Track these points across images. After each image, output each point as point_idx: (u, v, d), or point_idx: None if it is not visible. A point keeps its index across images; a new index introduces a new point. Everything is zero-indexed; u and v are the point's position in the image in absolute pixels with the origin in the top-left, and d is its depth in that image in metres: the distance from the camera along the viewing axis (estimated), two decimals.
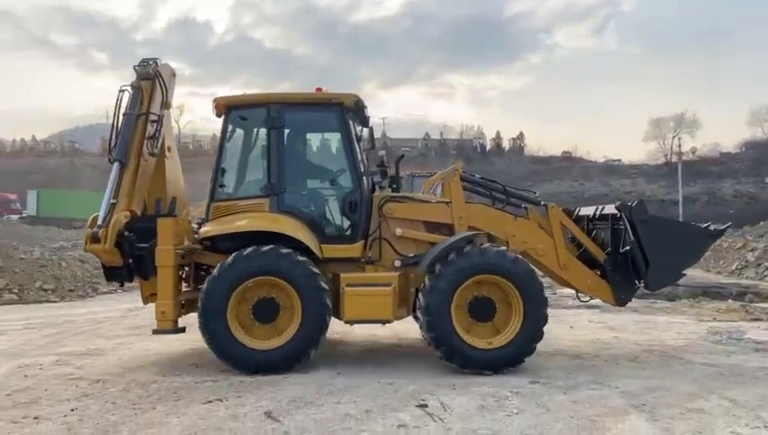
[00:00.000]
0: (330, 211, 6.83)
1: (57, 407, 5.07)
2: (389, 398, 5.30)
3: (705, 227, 6.84)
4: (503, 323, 6.28)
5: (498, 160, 71.65)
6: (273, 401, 5.22)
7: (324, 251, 6.54)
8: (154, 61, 7.19)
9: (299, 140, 7.15)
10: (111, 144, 6.91)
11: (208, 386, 5.71)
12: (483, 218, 6.80)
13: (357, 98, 6.76)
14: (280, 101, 6.75)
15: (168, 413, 4.89)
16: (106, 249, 6.56)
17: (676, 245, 6.53)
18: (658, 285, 6.90)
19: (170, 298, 6.47)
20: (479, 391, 5.50)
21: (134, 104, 6.94)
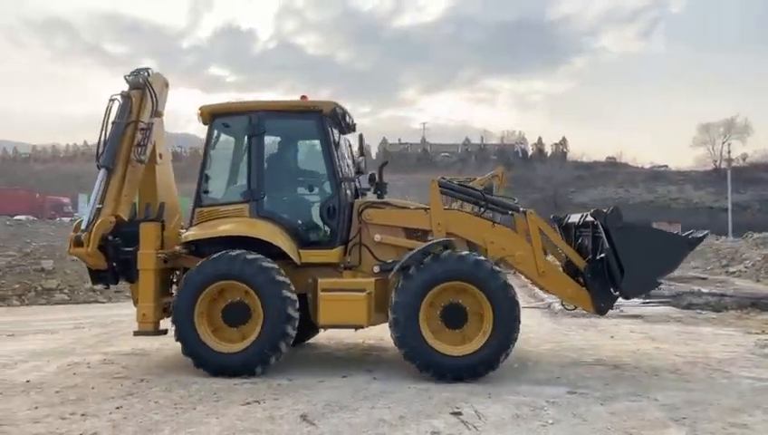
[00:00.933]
0: (308, 217, 6.91)
1: (103, 405, 5.27)
2: (424, 404, 5.33)
3: (684, 235, 6.61)
4: (475, 329, 6.22)
5: (540, 166, 70.77)
6: (308, 404, 5.30)
7: (303, 256, 6.64)
8: (146, 70, 7.41)
9: (279, 146, 7.30)
10: (99, 151, 7.11)
11: (247, 388, 5.84)
12: (461, 225, 6.77)
13: (335, 105, 6.84)
14: (260, 108, 6.91)
15: (208, 413, 5.03)
16: (88, 253, 6.77)
17: (652, 253, 6.34)
18: (633, 293, 6.71)
19: (151, 301, 6.68)
20: (514, 399, 5.47)
21: (123, 113, 7.15)
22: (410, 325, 6.09)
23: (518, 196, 58.51)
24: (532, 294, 14.93)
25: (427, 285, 6.13)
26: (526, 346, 8.12)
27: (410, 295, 6.12)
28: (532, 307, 12.62)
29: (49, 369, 6.67)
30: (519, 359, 7.26)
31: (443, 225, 6.67)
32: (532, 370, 6.73)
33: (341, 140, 7.22)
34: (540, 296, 13.99)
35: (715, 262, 22.77)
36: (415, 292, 6.12)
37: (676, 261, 6.62)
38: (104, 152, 7.05)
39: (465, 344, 6.19)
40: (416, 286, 6.13)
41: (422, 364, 6.14)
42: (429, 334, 6.15)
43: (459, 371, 6.08)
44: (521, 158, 76.33)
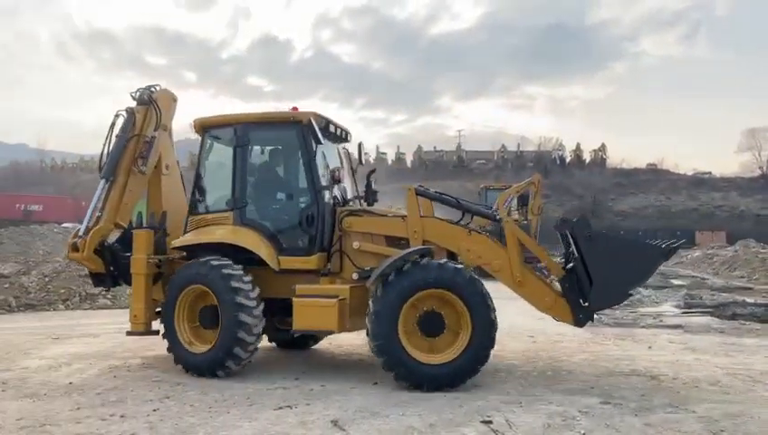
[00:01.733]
0: (288, 224, 7.00)
1: (141, 407, 5.43)
2: (454, 413, 5.32)
3: (657, 244, 6.27)
4: (453, 338, 6.18)
5: (578, 173, 69.69)
6: (340, 409, 5.36)
7: (282, 263, 6.81)
8: (153, 87, 7.88)
9: (261, 157, 7.49)
10: (102, 163, 7.63)
11: (279, 393, 5.93)
12: (437, 233, 6.71)
13: (313, 116, 6.92)
14: (245, 121, 7.15)
15: (241, 417, 5.13)
16: (84, 257, 7.38)
17: (622, 263, 6.03)
18: (602, 304, 6.37)
19: (142, 303, 7.13)
20: (546, 409, 5.41)
21: (126, 127, 7.62)
22: (389, 334, 6.05)
23: (556, 203, 58.02)
24: None
25: (406, 293, 6.10)
26: (560, 355, 8.03)
27: (389, 304, 6.08)
28: None
29: (91, 371, 6.89)
30: (552, 368, 7.19)
31: (419, 232, 6.66)
32: (566, 379, 6.64)
33: (329, 150, 7.37)
34: None
35: (762, 271, 22.01)
36: (394, 300, 6.09)
37: (649, 272, 6.24)
38: (106, 164, 7.58)
39: (443, 353, 6.15)
40: (395, 294, 6.09)
41: (400, 374, 6.10)
42: (408, 343, 6.12)
43: (438, 380, 6.04)
44: (558, 165, 75.20)
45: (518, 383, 6.42)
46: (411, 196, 6.78)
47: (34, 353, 7.92)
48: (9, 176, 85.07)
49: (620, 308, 12.96)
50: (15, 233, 29.54)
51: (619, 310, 12.72)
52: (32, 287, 13.58)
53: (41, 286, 13.71)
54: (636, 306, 13.41)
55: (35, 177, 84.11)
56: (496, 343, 8.85)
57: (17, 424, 4.92)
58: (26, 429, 4.81)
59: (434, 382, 6.03)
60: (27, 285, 13.61)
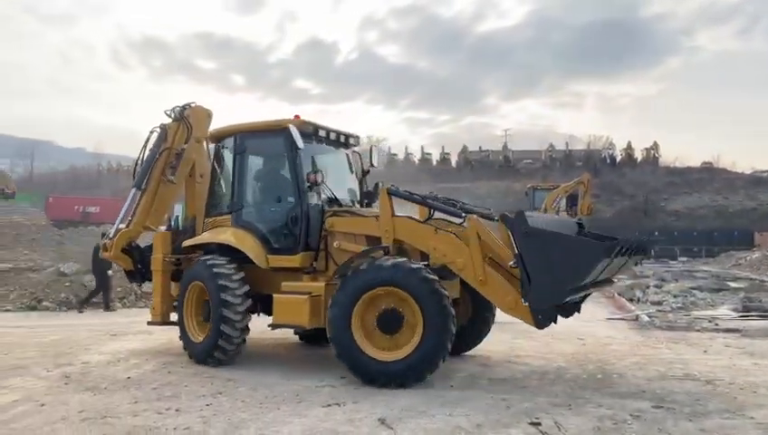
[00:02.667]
0: (276, 225, 7.38)
1: (195, 402, 5.60)
2: (502, 414, 5.29)
3: (601, 241, 5.84)
4: (409, 336, 6.22)
5: (630, 172, 67.86)
6: (387, 408, 5.40)
7: (270, 261, 7.25)
8: (188, 105, 8.53)
9: (256, 163, 7.92)
10: (135, 173, 8.52)
11: (328, 391, 6.02)
12: (407, 231, 6.73)
13: (296, 123, 7.20)
14: (242, 130, 7.70)
15: (291, 414, 5.24)
16: (112, 256, 8.43)
17: (561, 261, 5.70)
18: (541, 303, 5.96)
19: (160, 296, 7.96)
20: (596, 412, 5.33)
21: (159, 141, 8.36)
22: (342, 328, 6.29)
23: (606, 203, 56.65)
24: (620, 305, 14.40)
25: (360, 291, 6.30)
26: (610, 358, 7.88)
27: (343, 300, 6.33)
28: (618, 319, 12.16)
29: (147, 367, 7.14)
30: (602, 371, 7.07)
31: (390, 232, 6.74)
32: (617, 382, 6.51)
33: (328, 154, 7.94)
34: (627, 308, 13.47)
35: None
36: (348, 296, 6.32)
37: (588, 270, 5.77)
38: (138, 174, 8.41)
39: (396, 350, 6.26)
40: (349, 291, 6.33)
41: (351, 366, 6.32)
42: (362, 338, 6.31)
43: (387, 376, 6.16)
44: (609, 164, 73.38)
45: (567, 386, 6.34)
46: (383, 196, 6.87)
47: (94, 349, 8.26)
48: (68, 179, 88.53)
49: (673, 311, 12.63)
50: (75, 234, 30.77)
51: (672, 313, 12.38)
52: (91, 286, 14.12)
53: None
54: (690, 309, 13.02)
55: (92, 180, 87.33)
56: (543, 345, 8.84)
57: (80, 416, 5.15)
58: (88, 420, 5.03)
59: (385, 378, 6.16)
60: (87, 283, 14.16)
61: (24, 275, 15.01)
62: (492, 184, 72.55)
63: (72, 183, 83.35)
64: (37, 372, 6.83)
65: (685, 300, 14.11)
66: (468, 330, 7.64)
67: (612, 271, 6.70)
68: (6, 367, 7.03)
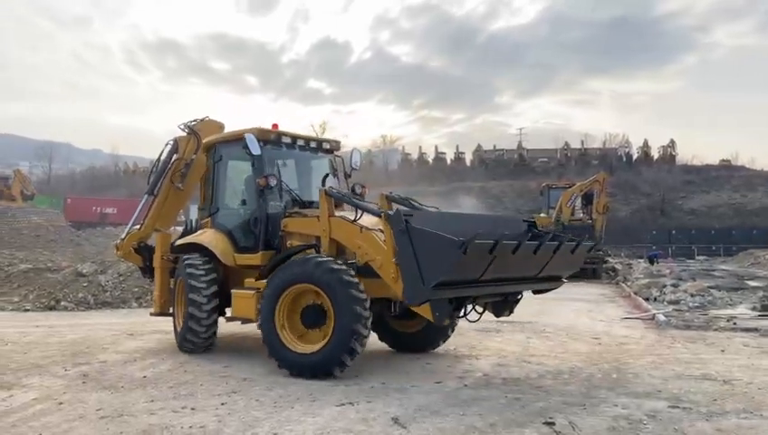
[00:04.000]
0: (241, 226, 7.96)
1: (210, 400, 5.65)
2: (516, 413, 5.28)
3: (459, 238, 5.56)
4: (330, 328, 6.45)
5: (646, 171, 67.25)
6: (400, 407, 5.41)
7: (237, 259, 7.80)
8: (201, 119, 9.28)
9: (229, 169, 8.43)
10: (149, 181, 9.36)
11: (341, 390, 6.04)
12: (340, 231, 6.87)
13: (254, 131, 7.64)
14: (219, 140, 8.41)
15: (305, 413, 5.26)
16: (122, 254, 9.54)
17: (424, 257, 5.77)
18: (412, 300, 5.97)
19: (159, 290, 8.74)
20: (611, 411, 5.30)
21: (171, 153, 9.21)
22: (268, 324, 6.69)
23: (622, 202, 56.22)
24: (636, 305, 14.28)
25: (279, 288, 6.68)
26: (625, 357, 7.82)
27: (267, 297, 6.75)
28: (635, 318, 12.06)
29: (163, 366, 7.21)
30: (618, 370, 7.02)
31: (327, 231, 6.93)
32: (632, 382, 6.46)
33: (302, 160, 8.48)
34: (643, 307, 13.36)
35: None
36: (271, 294, 6.72)
37: (446, 267, 5.69)
38: (151, 183, 9.29)
39: (314, 344, 6.55)
40: (272, 289, 6.74)
41: (276, 358, 6.69)
42: (285, 333, 6.68)
43: (303, 368, 6.47)
44: (625, 162, 72.82)
45: (581, 385, 6.31)
46: (321, 196, 7.02)
47: (111, 348, 8.36)
48: (86, 180, 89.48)
49: (691, 310, 12.51)
50: (92, 234, 31.22)
51: (689, 312, 12.26)
52: (108, 286, 14.29)
53: (116, 285, 14.41)
54: (707, 309, 12.88)
55: (110, 180, 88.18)
56: (558, 344, 8.80)
57: (97, 414, 5.21)
58: (106, 418, 5.09)
59: (302, 369, 6.49)
60: (104, 283, 14.33)
61: (42, 275, 15.24)
62: (506, 183, 72.27)
63: (89, 184, 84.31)
64: (56, 370, 6.92)
65: (702, 299, 13.95)
66: (424, 333, 7.96)
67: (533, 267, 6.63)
68: (26, 366, 7.14)
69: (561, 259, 6.81)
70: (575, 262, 7.45)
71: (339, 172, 8.53)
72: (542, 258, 6.49)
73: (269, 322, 6.69)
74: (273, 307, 6.69)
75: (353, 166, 8.48)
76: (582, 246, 7.05)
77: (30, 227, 30.76)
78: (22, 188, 46.88)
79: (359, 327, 6.25)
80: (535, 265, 6.61)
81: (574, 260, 7.28)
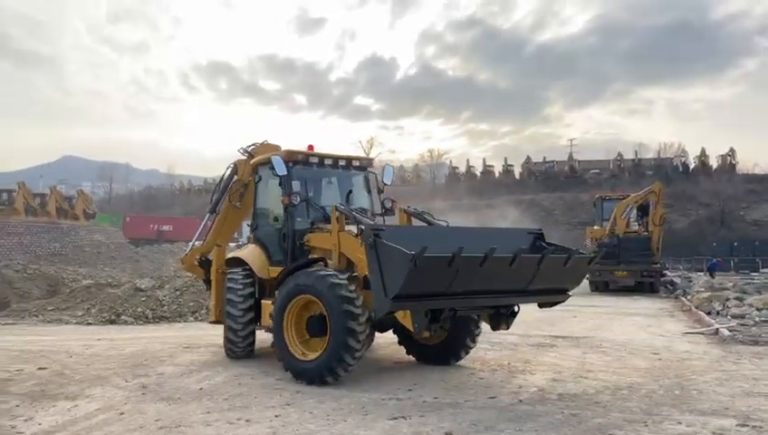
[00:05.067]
0: (273, 241, 8.38)
1: (264, 412, 5.71)
2: (573, 429, 5.13)
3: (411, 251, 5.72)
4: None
5: (705, 180, 64.88)
6: (454, 422, 5.34)
7: (270, 272, 8.18)
8: (260, 143, 9.71)
9: (267, 188, 8.83)
10: (211, 199, 10.06)
11: (393, 404, 6.01)
12: (346, 245, 7.16)
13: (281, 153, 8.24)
14: (259, 162, 8.80)
15: (358, 426, 5.25)
16: (185, 268, 10.59)
17: (384, 270, 6.08)
18: (377, 312, 6.33)
19: (214, 300, 9.19)
20: (675, 429, 5.09)
21: (231, 175, 9.78)
22: (277, 332, 7.19)
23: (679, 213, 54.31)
24: (698, 319, 13.72)
25: (287, 297, 7.15)
26: (688, 373, 7.52)
27: (277, 305, 7.24)
28: (697, 333, 11.59)
29: (218, 378, 7.33)
30: (680, 386, 6.75)
31: (336, 245, 7.24)
32: (696, 398, 6.20)
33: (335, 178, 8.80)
34: (706, 322, 12.82)
35: None
36: (279, 304, 7.21)
37: (400, 279, 5.85)
38: (212, 203, 9.98)
39: (315, 352, 6.92)
40: (281, 298, 7.23)
41: (282, 362, 7.18)
42: (292, 340, 7.12)
43: (302, 373, 6.90)
44: (681, 172, 70.45)
45: (642, 402, 6.09)
46: (333, 212, 7.39)
47: (168, 361, 8.56)
48: (144, 199, 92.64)
49: (757, 325, 11.92)
50: (150, 251, 32.18)
51: (755, 326, 11.70)
52: (165, 301, 14.68)
53: (173, 300, 14.79)
54: None
55: (166, 199, 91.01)
56: (616, 360, 8.54)
57: (156, 424, 5.34)
58: (164, 429, 5.21)
59: (301, 374, 6.93)
60: (161, 298, 14.74)
61: (104, 290, 15.78)
62: (557, 195, 70.90)
63: (147, 203, 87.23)
64: (117, 382, 7.13)
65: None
66: (444, 347, 8.06)
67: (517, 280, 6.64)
68: (89, 377, 7.39)
69: (554, 272, 6.79)
70: (575, 274, 7.31)
71: (372, 188, 8.89)
72: (525, 271, 6.53)
73: (278, 327, 7.19)
74: (282, 315, 7.17)
75: (385, 182, 8.83)
76: (576, 259, 6.89)
77: (92, 244, 31.95)
78: (84, 207, 48.80)
79: (350, 341, 6.53)
80: (520, 277, 6.63)
81: (573, 272, 7.15)
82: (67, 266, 23.68)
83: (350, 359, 6.61)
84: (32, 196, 45.75)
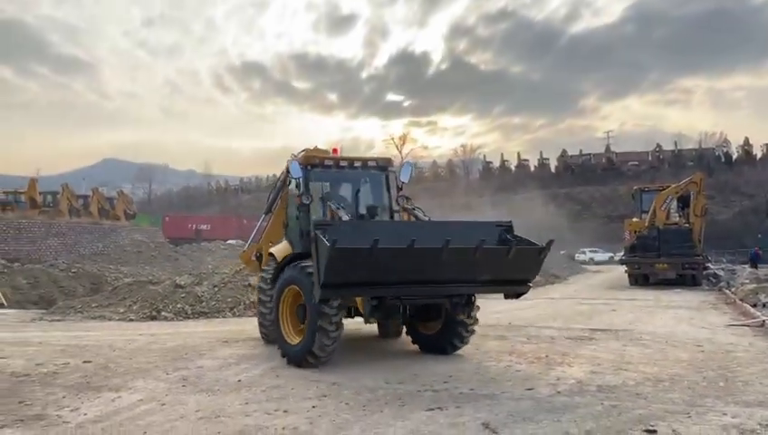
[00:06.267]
0: (296, 238, 8.71)
1: (301, 403, 5.76)
2: (613, 420, 5.04)
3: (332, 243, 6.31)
4: None
5: (748, 170, 62.99)
6: (490, 413, 5.30)
7: None
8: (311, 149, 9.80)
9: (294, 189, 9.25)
10: (267, 200, 10.45)
11: (429, 395, 6.00)
12: None
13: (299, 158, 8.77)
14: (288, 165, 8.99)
15: (394, 417, 5.26)
16: (243, 263, 11.77)
17: (317, 261, 6.69)
18: (315, 298, 6.90)
19: None
20: (719, 421, 4.95)
21: (283, 178, 10.01)
22: (276, 320, 7.98)
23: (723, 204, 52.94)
24: (743, 311, 13.33)
25: (279, 288, 7.99)
26: (732, 365, 7.32)
27: (274, 298, 8.11)
28: (742, 325, 11.25)
29: (256, 371, 7.43)
30: (725, 378, 6.57)
31: None
32: (741, 390, 6.02)
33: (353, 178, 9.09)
34: (751, 314, 12.44)
35: None
36: (275, 295, 8.06)
37: (323, 268, 6.50)
38: (268, 203, 10.41)
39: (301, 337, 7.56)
40: (275, 291, 8.11)
41: (278, 347, 7.91)
42: (287, 328, 7.85)
43: (290, 356, 7.61)
44: (723, 162, 68.56)
45: (685, 393, 5.94)
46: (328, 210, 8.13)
47: (208, 354, 8.72)
48: (182, 199, 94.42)
49: None
50: (189, 250, 32.80)
51: None
52: (204, 297, 14.96)
53: (211, 296, 15.06)
54: None
55: (204, 199, 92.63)
56: (657, 352, 8.37)
57: (196, 415, 5.44)
58: (204, 419, 5.30)
59: (290, 357, 7.62)
60: (200, 294, 15.01)
61: (144, 287, 16.15)
62: (595, 188, 69.74)
63: (185, 203, 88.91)
64: (158, 374, 7.29)
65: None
66: (440, 336, 8.26)
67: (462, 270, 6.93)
68: (132, 370, 7.57)
69: (496, 263, 6.97)
70: (524, 265, 7.30)
71: (392, 187, 9.16)
72: (463, 262, 6.79)
73: (276, 316, 7.99)
74: (278, 304, 7.97)
75: (402, 180, 9.08)
76: (519, 250, 6.95)
77: (133, 243, 32.76)
78: (125, 207, 50.09)
79: (323, 324, 7.10)
80: (464, 268, 6.90)
81: (520, 264, 7.16)
82: (109, 265, 24.32)
83: (326, 340, 7.17)
84: (75, 197, 47.16)
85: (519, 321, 12.13)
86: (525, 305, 16.18)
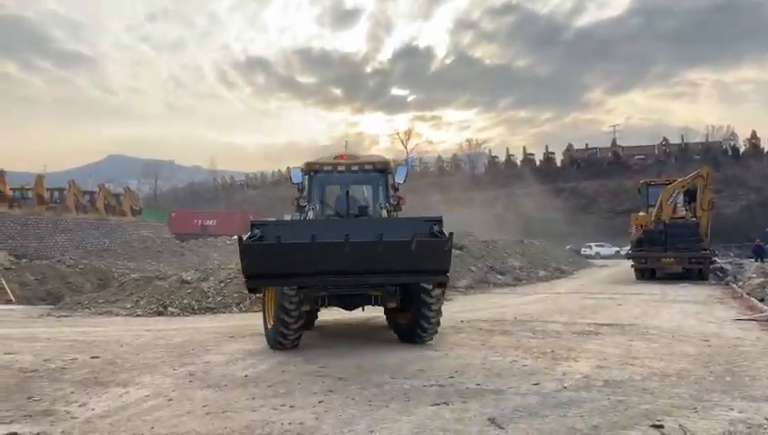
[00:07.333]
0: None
1: (308, 398, 5.78)
2: (620, 415, 5.03)
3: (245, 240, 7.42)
4: None
5: (756, 164, 62.62)
6: (496, 408, 5.30)
7: None
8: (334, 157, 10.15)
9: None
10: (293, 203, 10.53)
11: (435, 390, 6.00)
12: None
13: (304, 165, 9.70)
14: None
15: (400, 412, 5.26)
16: None
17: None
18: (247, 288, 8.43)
19: None
20: (726, 416, 4.94)
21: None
22: (263, 311, 8.94)
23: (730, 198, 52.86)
24: (750, 305, 13.28)
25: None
26: (740, 360, 7.29)
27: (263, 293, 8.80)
28: (749, 319, 11.21)
29: (262, 366, 7.46)
30: (732, 373, 6.55)
31: None
32: (749, 385, 6.00)
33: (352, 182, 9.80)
34: (759, 308, 12.39)
35: None
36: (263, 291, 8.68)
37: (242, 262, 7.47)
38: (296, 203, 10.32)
39: None
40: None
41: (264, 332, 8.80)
42: (268, 313, 8.66)
43: (267, 341, 8.65)
44: (731, 156, 68.18)
45: (691, 388, 5.93)
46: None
47: (214, 350, 8.75)
48: (188, 195, 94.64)
49: None
50: (195, 245, 32.95)
51: None
52: (210, 292, 15.01)
53: (218, 291, 15.10)
54: None
55: (209, 194, 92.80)
56: (664, 346, 8.36)
57: (203, 410, 5.47)
58: (210, 414, 5.33)
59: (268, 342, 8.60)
60: (206, 290, 15.06)
61: (151, 283, 16.22)
62: (600, 182, 69.51)
63: (190, 199, 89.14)
64: (165, 370, 7.33)
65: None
66: (409, 327, 8.72)
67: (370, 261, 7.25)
68: (139, 365, 7.61)
69: (406, 254, 7.18)
70: (435, 256, 7.48)
71: (390, 187, 9.66)
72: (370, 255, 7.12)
73: (263, 307, 8.88)
74: (264, 298, 8.86)
75: (397, 181, 9.52)
76: (423, 242, 7.22)
77: (139, 239, 32.92)
78: (131, 203, 50.28)
79: (282, 316, 8.03)
80: (371, 260, 7.20)
81: (432, 254, 7.41)
82: (116, 261, 24.45)
83: (285, 329, 8.14)
84: (82, 193, 47.37)
85: (524, 315, 12.13)
86: (531, 300, 16.17)
